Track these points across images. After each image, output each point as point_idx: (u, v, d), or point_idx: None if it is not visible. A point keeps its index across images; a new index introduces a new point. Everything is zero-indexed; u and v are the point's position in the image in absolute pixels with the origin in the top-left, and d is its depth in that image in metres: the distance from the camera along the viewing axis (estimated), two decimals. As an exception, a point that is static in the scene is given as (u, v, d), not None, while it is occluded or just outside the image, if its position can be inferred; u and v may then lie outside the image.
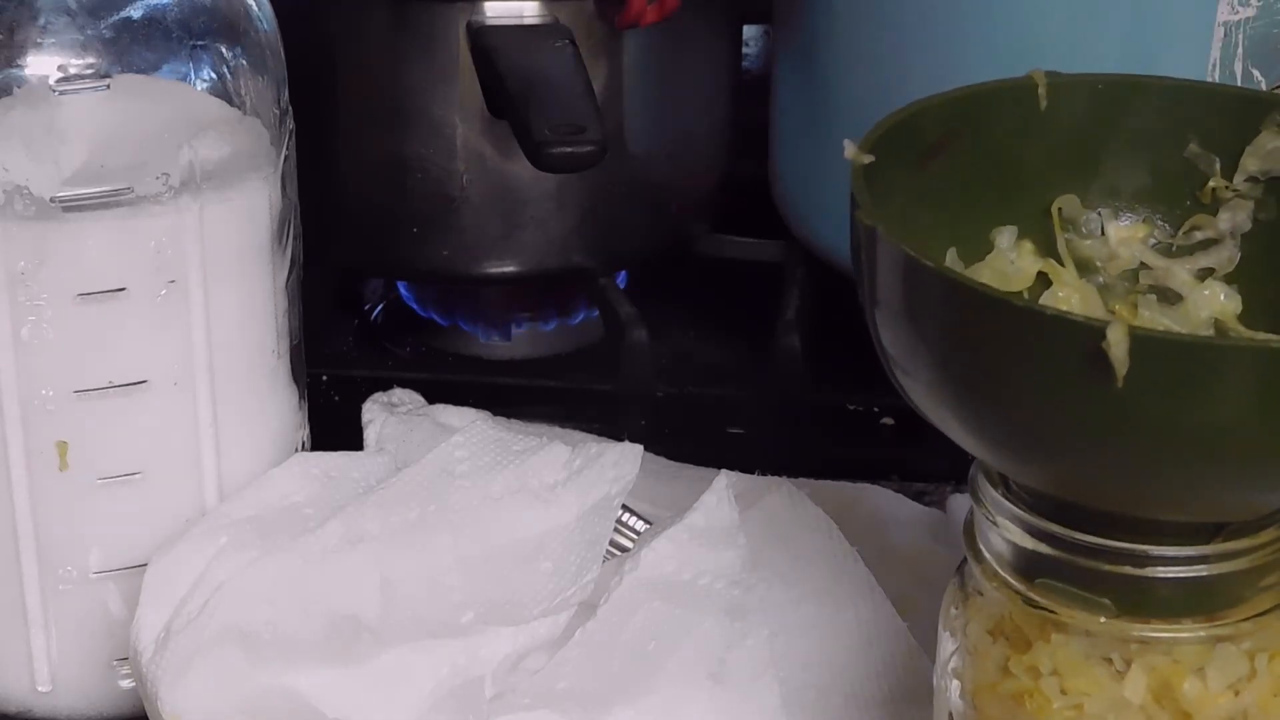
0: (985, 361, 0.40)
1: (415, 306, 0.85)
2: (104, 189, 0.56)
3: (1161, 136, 0.48)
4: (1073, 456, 0.40)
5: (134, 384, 0.58)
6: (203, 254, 0.58)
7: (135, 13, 0.57)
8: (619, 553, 0.60)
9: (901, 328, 0.42)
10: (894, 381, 0.44)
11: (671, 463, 0.68)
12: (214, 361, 0.59)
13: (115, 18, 0.56)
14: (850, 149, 0.44)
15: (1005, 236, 0.48)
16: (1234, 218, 0.48)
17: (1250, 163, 0.48)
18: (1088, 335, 0.38)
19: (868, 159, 0.44)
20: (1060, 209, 0.48)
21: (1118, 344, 0.37)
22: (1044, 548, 0.43)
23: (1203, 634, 0.43)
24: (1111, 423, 0.39)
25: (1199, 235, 0.49)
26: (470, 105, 0.77)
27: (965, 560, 0.46)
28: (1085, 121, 0.48)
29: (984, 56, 0.70)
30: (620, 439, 0.63)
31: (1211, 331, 0.47)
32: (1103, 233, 0.49)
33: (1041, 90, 0.48)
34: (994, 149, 0.48)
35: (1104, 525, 0.42)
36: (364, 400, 0.68)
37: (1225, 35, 0.67)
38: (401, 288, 0.86)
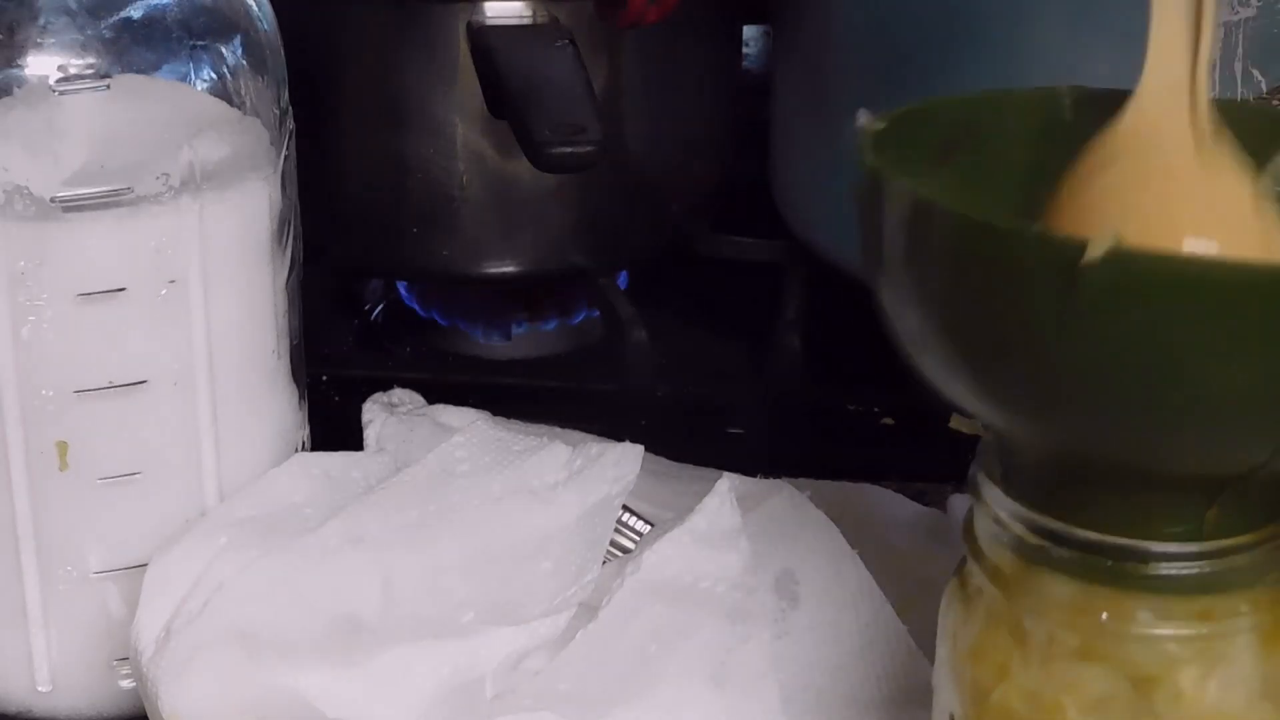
0: (983, 296, 0.40)
1: (415, 306, 0.85)
2: (104, 189, 0.56)
3: None
4: (1068, 391, 0.40)
5: (134, 384, 0.58)
6: (203, 254, 0.58)
7: (135, 13, 0.57)
8: (620, 553, 0.60)
9: (906, 279, 0.42)
10: (901, 350, 0.44)
11: (672, 463, 0.68)
12: (214, 361, 0.59)
13: (115, 18, 0.56)
14: (864, 117, 0.44)
15: None
16: None
17: (1269, 180, 0.48)
18: (1070, 253, 0.37)
19: (879, 124, 0.44)
20: None
21: (1095, 258, 0.37)
22: (1045, 544, 0.43)
23: (1204, 631, 0.43)
24: (1091, 345, 0.38)
25: None
26: (470, 105, 0.77)
27: (964, 559, 0.46)
28: None
29: (983, 57, 0.70)
30: (620, 439, 0.63)
31: None
32: None
33: (1067, 102, 0.48)
34: (1011, 154, 0.48)
35: (1106, 521, 0.42)
36: (364, 400, 0.68)
37: (1225, 35, 0.67)
38: (401, 288, 0.86)
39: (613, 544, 0.60)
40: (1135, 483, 0.42)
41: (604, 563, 0.59)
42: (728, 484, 0.61)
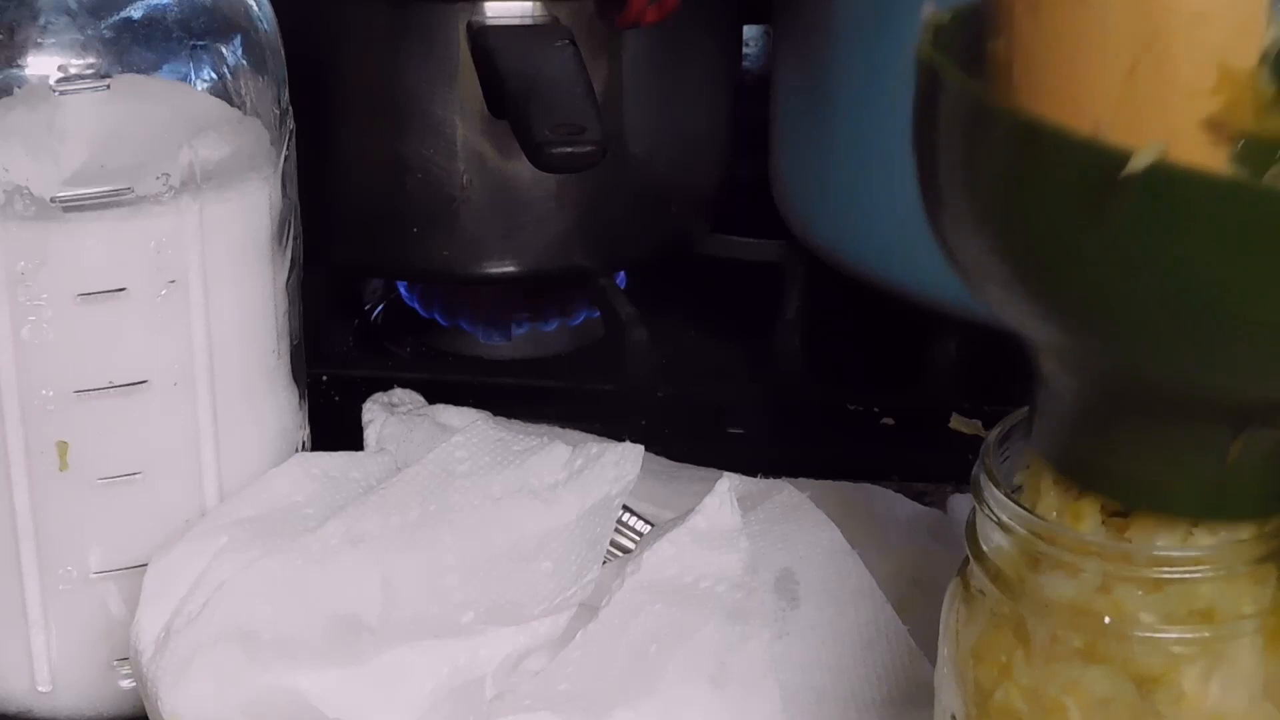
0: (1030, 197, 0.40)
1: (415, 306, 0.85)
2: (104, 189, 0.56)
3: None
4: (1104, 298, 0.40)
5: (134, 384, 0.58)
6: (203, 254, 0.58)
7: (135, 13, 0.57)
8: (620, 553, 0.60)
9: (954, 171, 0.42)
10: (952, 263, 0.43)
11: (672, 463, 0.68)
12: (214, 361, 0.59)
13: (115, 18, 0.56)
14: (929, 8, 0.44)
15: None
16: None
17: None
18: (1113, 162, 0.37)
19: (942, 18, 0.43)
20: None
21: (1137, 170, 0.37)
22: (1046, 547, 0.43)
23: (1206, 635, 0.43)
24: (1128, 253, 0.38)
25: None
26: (470, 105, 0.77)
27: (966, 560, 0.46)
28: None
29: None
30: (620, 439, 0.63)
31: None
32: None
33: None
34: None
35: (1126, 473, 0.42)
36: (364, 400, 0.68)
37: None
38: (401, 288, 0.86)
39: (613, 544, 0.60)
40: (1164, 407, 0.41)
41: (604, 563, 0.59)
42: (728, 484, 0.61)
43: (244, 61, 0.59)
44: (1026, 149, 0.40)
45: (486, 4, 0.76)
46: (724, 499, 0.60)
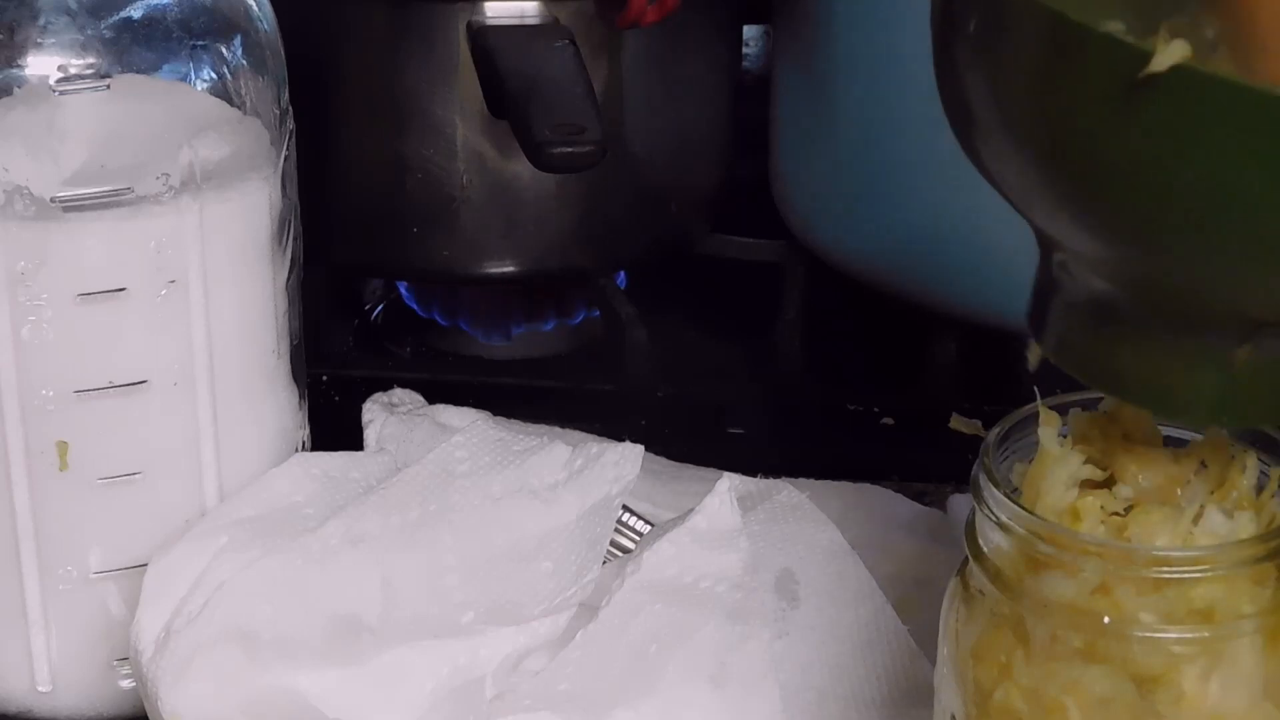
0: (1052, 88, 0.39)
1: (415, 307, 0.85)
2: (104, 189, 0.56)
3: None
4: (1117, 194, 0.39)
5: (134, 384, 0.58)
6: (203, 254, 0.58)
7: (135, 13, 0.57)
8: (620, 553, 0.60)
9: (975, 58, 0.41)
10: (968, 146, 0.43)
11: (672, 463, 0.68)
12: (214, 361, 0.59)
13: (115, 18, 0.56)
14: None
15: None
16: None
17: None
18: (1135, 60, 0.37)
19: None
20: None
21: (1159, 70, 0.36)
22: (1045, 547, 0.43)
23: (1206, 635, 0.43)
24: (1144, 151, 0.38)
25: None
26: (470, 105, 0.77)
27: (966, 560, 0.46)
28: None
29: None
30: (620, 439, 0.63)
31: None
32: None
33: None
34: None
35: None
36: (364, 400, 0.68)
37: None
38: (401, 288, 0.86)
39: (613, 544, 0.60)
40: (1176, 310, 0.41)
41: (604, 563, 0.59)
42: (728, 484, 0.61)
43: (244, 61, 0.59)
44: (1051, 44, 0.39)
45: (486, 4, 0.76)
46: (724, 499, 0.60)
